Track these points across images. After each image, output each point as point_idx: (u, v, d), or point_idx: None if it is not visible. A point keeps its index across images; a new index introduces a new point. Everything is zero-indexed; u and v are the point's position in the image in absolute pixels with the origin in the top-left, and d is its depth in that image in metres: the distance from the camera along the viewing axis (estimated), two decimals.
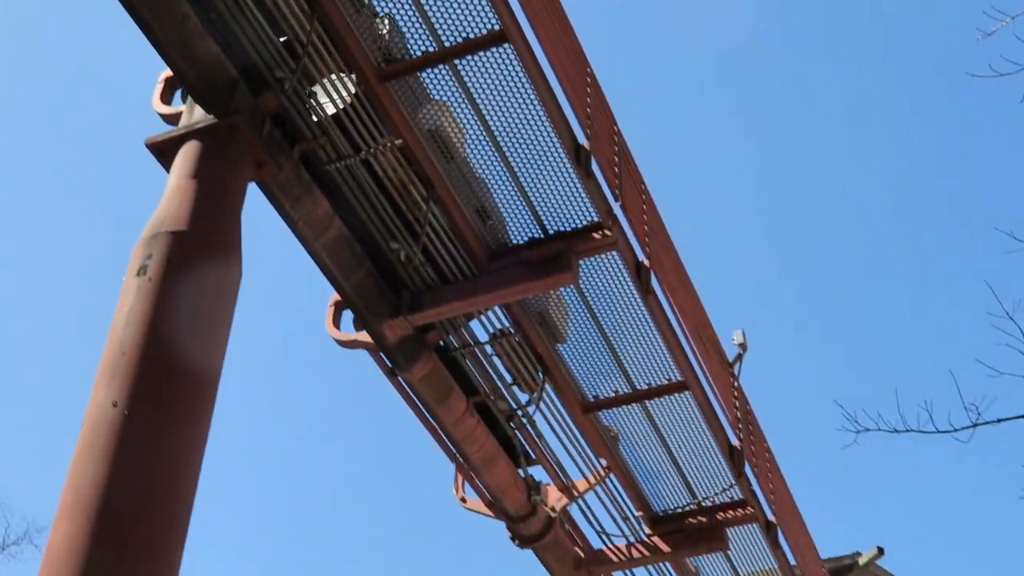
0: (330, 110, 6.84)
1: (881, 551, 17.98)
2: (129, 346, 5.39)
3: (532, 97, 6.88)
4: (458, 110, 7.09)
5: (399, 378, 8.24)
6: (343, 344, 8.23)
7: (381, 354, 8.11)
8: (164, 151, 6.30)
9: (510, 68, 6.77)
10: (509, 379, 8.57)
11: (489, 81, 6.87)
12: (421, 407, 8.52)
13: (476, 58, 6.76)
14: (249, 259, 6.07)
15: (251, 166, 6.29)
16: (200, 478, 5.45)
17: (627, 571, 10.49)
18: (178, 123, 6.67)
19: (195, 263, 5.62)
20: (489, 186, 7.39)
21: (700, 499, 9.55)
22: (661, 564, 10.36)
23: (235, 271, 5.80)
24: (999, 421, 8.41)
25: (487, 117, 7.06)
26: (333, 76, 6.77)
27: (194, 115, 6.50)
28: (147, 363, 5.32)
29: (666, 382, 8.59)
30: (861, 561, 18.11)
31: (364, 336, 7.95)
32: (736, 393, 9.55)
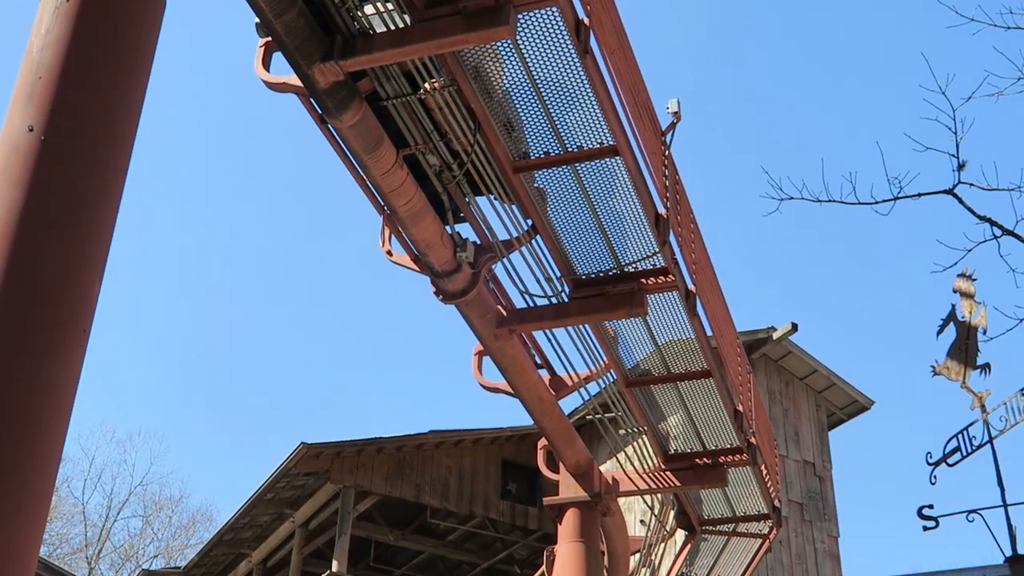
0: None
1: (795, 327, 18.56)
2: (46, 70, 5.19)
3: None
4: None
5: (328, 126, 8.11)
6: (272, 87, 8.04)
7: (311, 100, 7.94)
8: None
9: None
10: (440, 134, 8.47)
11: None
12: (350, 157, 8.43)
13: None
14: None
15: None
16: (120, 211, 5.37)
17: (547, 331, 10.72)
18: None
19: None
20: None
21: (623, 265, 9.67)
22: (581, 326, 10.58)
23: None
24: (919, 195, 8.52)
25: None
26: None
27: None
28: (65, 88, 5.14)
29: (598, 146, 8.54)
30: (775, 336, 18.70)
31: (294, 79, 7.76)
32: (666, 161, 9.56)
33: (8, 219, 4.87)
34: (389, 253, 9.77)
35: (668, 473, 12.60)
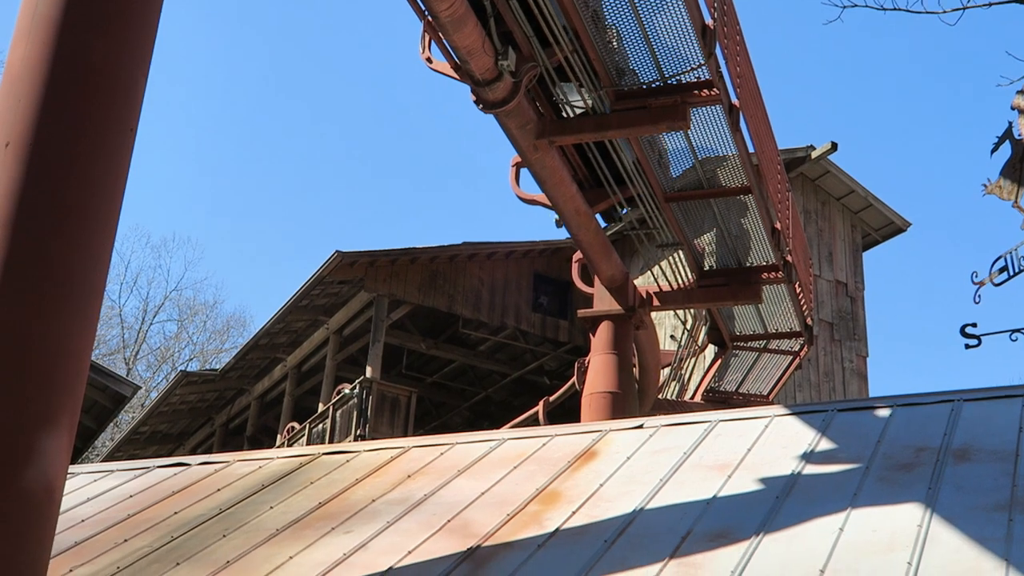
0: None
1: (834, 146, 18.30)
2: None
3: None
4: None
5: None
6: None
7: None
8: None
9: None
10: None
11: None
12: None
13: None
14: None
15: None
16: (162, 10, 5.27)
17: (587, 143, 10.62)
18: None
19: None
20: None
21: (666, 77, 9.47)
22: (622, 139, 10.45)
23: None
24: (989, 4, 8.20)
25: None
26: None
27: None
28: None
29: None
30: (814, 155, 18.47)
31: None
32: None
33: (51, 20, 4.80)
34: (429, 60, 9.62)
35: (703, 289, 12.64)
